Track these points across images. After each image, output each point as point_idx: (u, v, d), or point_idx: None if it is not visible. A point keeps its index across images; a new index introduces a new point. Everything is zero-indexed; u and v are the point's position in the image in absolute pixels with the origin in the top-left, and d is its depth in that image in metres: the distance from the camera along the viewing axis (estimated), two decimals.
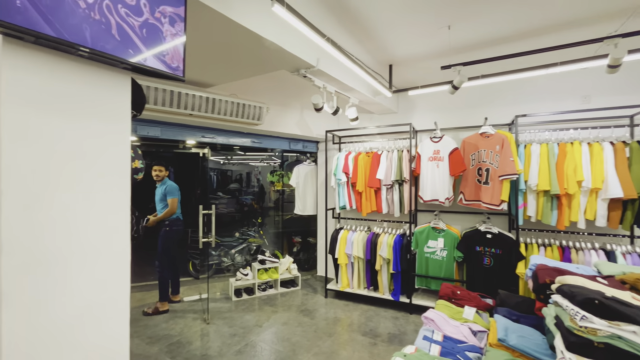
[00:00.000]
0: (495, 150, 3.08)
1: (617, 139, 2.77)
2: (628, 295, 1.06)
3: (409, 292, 3.50)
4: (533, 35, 2.64)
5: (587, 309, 0.93)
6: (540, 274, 1.38)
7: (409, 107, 4.06)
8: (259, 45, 2.07)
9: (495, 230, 3.11)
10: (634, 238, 2.86)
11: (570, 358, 0.90)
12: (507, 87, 3.47)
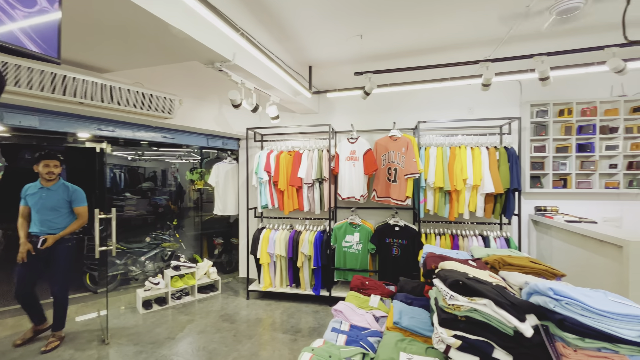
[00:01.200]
0: (402, 151, 3.44)
1: (491, 145, 3.38)
2: (486, 274, 1.31)
3: (329, 285, 3.66)
4: (432, 52, 3.02)
5: (454, 289, 1.12)
6: (428, 261, 1.60)
7: (329, 108, 4.23)
8: (166, 33, 1.88)
9: (402, 223, 3.48)
10: (502, 225, 3.54)
11: (442, 332, 1.08)
12: (412, 96, 3.90)
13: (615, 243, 2.22)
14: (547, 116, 3.45)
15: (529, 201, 3.60)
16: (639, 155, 3.27)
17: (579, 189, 3.39)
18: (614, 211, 3.40)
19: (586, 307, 0.94)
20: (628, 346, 0.91)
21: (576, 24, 2.45)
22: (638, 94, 3.29)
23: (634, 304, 0.98)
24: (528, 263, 1.52)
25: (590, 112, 3.34)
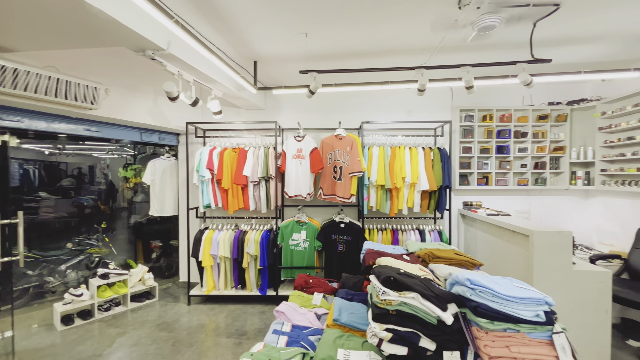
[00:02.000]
0: (347, 150, 3.54)
1: (426, 145, 3.65)
2: (417, 268, 1.41)
3: (276, 284, 3.63)
4: (375, 56, 3.14)
5: (387, 285, 1.19)
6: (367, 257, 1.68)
7: (276, 105, 4.16)
8: (84, 13, 1.66)
9: (347, 220, 3.59)
10: (436, 219, 3.86)
11: (375, 326, 1.14)
12: (357, 97, 4.03)
13: (523, 233, 2.56)
14: (473, 121, 3.84)
15: (458, 197, 3.98)
16: (543, 156, 3.83)
17: (497, 185, 3.85)
18: (524, 205, 3.93)
19: (496, 294, 1.08)
20: (527, 325, 1.06)
21: (495, 40, 2.76)
22: (542, 104, 3.84)
23: (532, 288, 1.15)
24: (453, 255, 1.68)
25: (506, 119, 3.81)
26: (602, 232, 3.68)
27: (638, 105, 3.09)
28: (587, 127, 3.72)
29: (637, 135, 3.17)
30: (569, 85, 3.85)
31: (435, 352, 1.11)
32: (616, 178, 3.43)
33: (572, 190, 3.87)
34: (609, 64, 3.30)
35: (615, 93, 3.42)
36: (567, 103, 3.77)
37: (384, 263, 1.44)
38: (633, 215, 3.28)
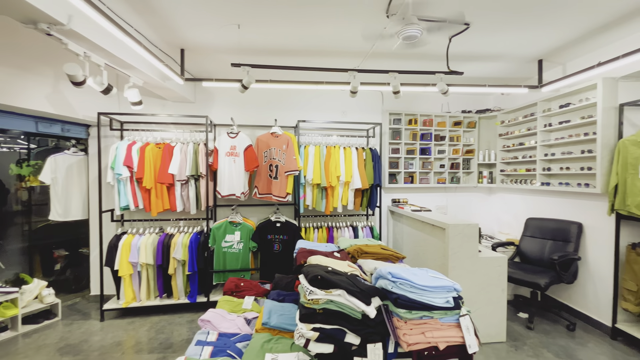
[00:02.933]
0: (283, 149, 3.49)
1: (359, 146, 3.82)
2: (346, 264, 1.45)
3: (207, 290, 3.41)
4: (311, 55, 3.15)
5: (314, 284, 1.19)
6: (298, 256, 1.67)
7: (208, 98, 3.90)
8: None
9: (283, 219, 3.55)
10: (368, 216, 4.07)
11: (302, 327, 1.14)
12: (293, 95, 4.02)
13: (441, 226, 2.85)
14: (401, 124, 4.15)
15: (388, 194, 4.26)
16: (457, 158, 4.33)
17: (421, 184, 4.23)
18: (442, 201, 4.40)
19: (414, 285, 1.16)
20: (439, 311, 1.17)
21: (420, 51, 3.01)
22: (457, 111, 4.34)
23: (444, 277, 1.27)
24: (380, 250, 1.78)
25: (428, 123, 4.20)
26: (501, 223, 4.33)
27: (526, 116, 3.70)
28: (490, 134, 4.32)
29: (525, 141, 3.79)
30: (477, 96, 4.42)
31: (359, 346, 1.15)
32: (511, 177, 4.05)
33: (480, 187, 4.46)
34: (507, 80, 3.88)
35: (511, 105, 4.04)
36: (476, 112, 4.32)
37: (314, 262, 1.44)
38: (523, 208, 3.92)
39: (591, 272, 3.04)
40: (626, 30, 2.59)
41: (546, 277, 2.95)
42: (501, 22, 2.47)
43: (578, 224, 3.14)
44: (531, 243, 3.48)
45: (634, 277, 2.66)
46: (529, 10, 2.30)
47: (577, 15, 2.37)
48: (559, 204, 3.41)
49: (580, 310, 3.15)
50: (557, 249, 3.22)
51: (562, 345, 2.69)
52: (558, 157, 3.30)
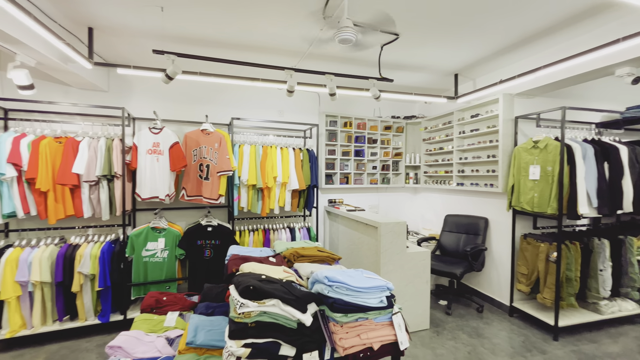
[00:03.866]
0: (215, 147, 3.26)
1: (296, 146, 3.79)
2: (281, 270, 1.39)
3: (124, 306, 2.98)
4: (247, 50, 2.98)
5: (246, 295, 1.10)
6: (230, 264, 1.55)
7: (125, 88, 3.43)
8: None
9: (215, 223, 3.31)
10: (305, 217, 4.07)
11: (231, 345, 1.04)
12: (227, 90, 3.79)
13: (373, 225, 2.99)
14: (337, 126, 4.24)
15: (324, 195, 4.32)
16: (388, 160, 4.62)
17: (355, 184, 4.39)
18: (375, 200, 4.64)
19: (350, 287, 1.16)
20: (373, 311, 1.19)
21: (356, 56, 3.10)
22: (388, 116, 4.62)
23: (377, 276, 1.30)
24: (316, 252, 1.76)
25: (362, 126, 4.39)
26: (425, 219, 4.76)
27: (445, 124, 4.13)
28: (416, 138, 4.72)
29: (444, 146, 4.23)
30: (405, 103, 4.78)
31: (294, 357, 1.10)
32: (433, 178, 4.48)
33: (407, 187, 4.84)
34: (430, 90, 4.28)
35: (433, 113, 4.47)
36: (404, 118, 4.67)
37: (247, 269, 1.34)
38: (442, 206, 4.37)
39: (495, 260, 3.52)
40: (524, 54, 3.06)
41: (461, 267, 3.32)
42: (426, 37, 2.69)
43: (485, 219, 3.62)
44: (449, 237, 3.90)
45: (525, 262, 3.16)
46: (449, 29, 2.55)
47: (487, 37, 2.71)
48: (470, 201, 3.88)
49: (486, 294, 3.63)
50: (469, 241, 3.65)
51: (474, 326, 3.06)
52: (470, 160, 3.75)
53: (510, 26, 2.51)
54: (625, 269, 3.06)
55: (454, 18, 2.38)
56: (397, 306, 1.25)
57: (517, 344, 2.75)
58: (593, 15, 2.33)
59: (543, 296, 2.96)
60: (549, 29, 2.55)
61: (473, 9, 2.25)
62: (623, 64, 2.42)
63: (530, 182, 2.99)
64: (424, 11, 2.28)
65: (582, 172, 2.75)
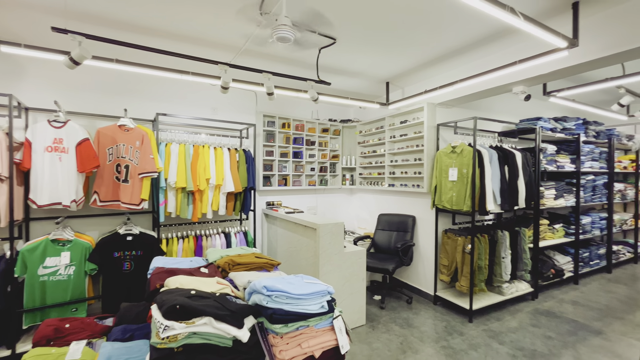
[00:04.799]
0: (136, 145, 2.88)
1: (232, 146, 3.59)
2: (214, 282, 1.27)
3: (12, 339, 2.42)
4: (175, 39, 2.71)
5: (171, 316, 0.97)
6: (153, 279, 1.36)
7: (13, 70, 2.81)
8: None
9: (136, 231, 2.93)
10: (242, 220, 3.88)
11: None
12: (152, 82, 3.39)
13: (312, 226, 2.99)
14: (275, 127, 4.16)
15: (262, 197, 4.19)
16: (325, 162, 4.70)
17: (294, 186, 4.36)
18: (313, 202, 4.68)
19: (290, 296, 1.11)
20: (314, 318, 1.16)
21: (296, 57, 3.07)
22: (325, 119, 4.71)
23: (318, 281, 1.28)
24: (254, 259, 1.67)
25: (300, 128, 4.38)
26: (360, 219, 4.97)
27: (378, 128, 4.38)
28: (351, 141, 4.90)
29: (377, 149, 4.48)
30: (342, 107, 4.93)
31: None
32: (367, 180, 4.71)
33: (343, 189, 4.99)
34: (364, 95, 4.48)
35: (367, 117, 4.70)
36: (340, 121, 4.81)
37: (173, 284, 1.19)
38: (376, 205, 4.62)
39: (421, 254, 3.85)
40: (445, 67, 3.40)
41: (393, 262, 3.54)
42: (361, 45, 2.80)
43: (413, 217, 3.93)
44: (382, 235, 4.13)
45: (446, 254, 3.52)
46: (382, 40, 2.69)
47: (414, 50, 2.94)
48: (400, 201, 4.17)
49: (415, 286, 3.94)
50: (400, 238, 3.92)
51: (405, 317, 3.28)
52: (400, 163, 4.04)
53: (433, 42, 2.76)
54: (520, 255, 3.64)
55: (385, 30, 2.52)
56: (337, 309, 1.25)
57: (441, 329, 3.04)
58: (497, 40, 2.71)
59: (460, 284, 3.33)
60: (464, 48, 2.88)
61: (401, 24, 2.41)
62: (518, 83, 2.87)
63: (449, 183, 3.35)
64: (359, 19, 2.36)
65: (489, 174, 3.18)
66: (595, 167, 4.54)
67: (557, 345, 2.74)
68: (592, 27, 2.30)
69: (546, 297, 3.80)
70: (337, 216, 4.90)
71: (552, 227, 4.17)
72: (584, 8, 2.23)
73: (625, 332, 2.96)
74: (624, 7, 2.16)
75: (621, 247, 5.08)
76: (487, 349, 2.68)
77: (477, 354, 2.62)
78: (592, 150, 4.53)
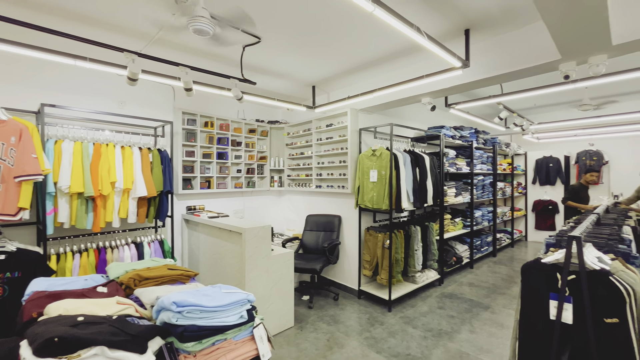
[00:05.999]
0: (10, 142, 2.34)
1: (144, 145, 3.20)
2: (113, 302, 1.10)
3: None
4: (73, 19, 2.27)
5: (47, 353, 0.80)
6: (29, 306, 1.10)
7: None
8: None
9: (12, 248, 2.37)
10: (157, 228, 3.50)
11: None
12: (37, 66, 2.81)
13: (238, 231, 2.86)
14: (196, 125, 3.86)
15: (182, 202, 3.85)
16: (253, 164, 4.56)
17: (218, 189, 4.12)
18: (240, 205, 4.50)
19: (204, 309, 1.03)
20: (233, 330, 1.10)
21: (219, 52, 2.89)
22: (252, 119, 4.58)
23: (237, 290, 1.22)
24: (166, 272, 1.50)
25: (225, 128, 4.17)
26: (289, 221, 4.97)
27: (305, 130, 4.45)
28: (280, 143, 4.87)
29: (305, 151, 4.54)
30: (269, 108, 4.86)
31: None
32: (295, 181, 4.74)
33: (272, 191, 4.92)
34: (292, 97, 4.50)
35: (295, 120, 4.73)
36: (268, 122, 4.74)
37: (55, 312, 0.98)
38: (304, 207, 4.68)
39: (347, 252, 4.04)
40: (366, 75, 3.63)
41: (320, 262, 3.63)
42: (287, 47, 2.80)
43: (339, 216, 4.10)
44: (310, 236, 4.20)
45: (368, 251, 3.77)
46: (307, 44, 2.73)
47: (338, 57, 3.06)
48: (327, 202, 4.31)
49: (341, 283, 4.11)
50: (327, 238, 4.05)
51: (332, 314, 3.39)
52: (326, 165, 4.17)
53: (357, 51, 2.93)
54: (429, 247, 4.12)
55: (310, 35, 2.57)
56: (258, 317, 1.21)
57: (364, 321, 3.23)
58: (412, 54, 3.01)
59: (381, 277, 3.60)
60: (384, 59, 3.12)
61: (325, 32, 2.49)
62: (426, 94, 3.24)
63: (370, 184, 3.59)
64: (283, 22, 2.36)
65: (404, 175, 3.51)
66: (484, 169, 5.43)
67: (458, 323, 3.17)
68: (480, 52, 2.74)
69: (449, 282, 4.37)
70: (266, 219, 4.81)
71: (453, 221, 4.82)
72: (474, 35, 2.64)
73: (505, 305, 3.60)
74: (502, 37, 2.63)
75: (502, 235, 6.18)
76: (403, 335, 2.95)
77: (395, 340, 2.86)
78: (482, 155, 5.41)
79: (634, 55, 2.85)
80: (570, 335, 1.46)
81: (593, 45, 2.07)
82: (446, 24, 2.44)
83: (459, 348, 2.71)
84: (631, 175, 5.68)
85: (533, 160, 6.90)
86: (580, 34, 1.91)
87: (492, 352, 2.65)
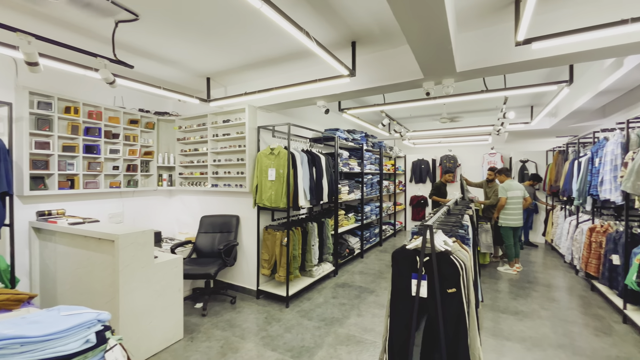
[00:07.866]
0: None
1: None
2: None
3: None
4: None
5: None
6: None
7: None
8: None
9: None
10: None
11: None
12: None
13: (109, 239, 2.43)
14: (52, 110, 3.11)
15: (30, 206, 3.05)
16: (135, 159, 3.96)
17: (86, 189, 3.42)
18: (118, 207, 3.85)
19: (29, 340, 0.81)
20: (77, 358, 0.91)
21: (77, 21, 2.37)
22: (134, 109, 3.97)
23: (84, 310, 1.02)
24: None
25: (96, 116, 3.49)
26: (181, 223, 4.52)
27: (200, 125, 4.12)
28: (169, 137, 4.38)
29: (200, 148, 4.21)
30: (156, 97, 4.31)
31: None
32: (189, 180, 4.35)
33: (160, 190, 4.39)
34: (183, 88, 4.09)
35: (188, 113, 4.33)
36: (155, 113, 4.19)
37: None
38: (199, 207, 4.33)
39: (245, 253, 3.93)
40: (264, 74, 3.59)
41: (215, 265, 3.42)
42: (172, 30, 2.52)
43: (237, 216, 3.95)
44: (205, 238, 3.92)
45: (267, 249, 3.75)
46: (196, 31, 2.51)
47: (234, 51, 2.93)
48: (224, 201, 4.10)
49: (239, 285, 3.98)
50: (224, 239, 3.85)
51: (228, 319, 3.24)
52: (223, 163, 3.96)
53: (250, 47, 2.86)
54: (325, 241, 4.38)
55: (196, 21, 2.38)
56: (114, 338, 1.04)
57: (261, 321, 3.20)
58: (309, 57, 3.12)
59: (279, 274, 3.64)
60: (283, 58, 3.14)
61: (211, 18, 2.35)
62: (320, 98, 3.43)
63: (269, 182, 3.58)
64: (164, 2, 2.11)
65: (301, 174, 3.63)
66: (372, 169, 6.11)
67: (348, 309, 3.47)
68: (365, 63, 3.05)
69: (343, 272, 4.76)
70: (153, 222, 4.26)
71: (347, 216, 5.26)
72: (359, 47, 2.92)
73: (386, 287, 4.13)
74: (382, 53, 2.98)
75: (387, 227, 7.09)
76: (299, 328, 3.04)
77: (291, 334, 2.93)
78: (371, 157, 6.08)
79: (474, 82, 3.65)
80: (427, 306, 1.77)
81: (444, 69, 2.56)
82: (334, 33, 2.63)
83: (347, 332, 2.97)
84: (476, 173, 7.33)
85: (410, 162, 8.16)
86: (434, 59, 2.33)
87: (374, 331, 2.99)
